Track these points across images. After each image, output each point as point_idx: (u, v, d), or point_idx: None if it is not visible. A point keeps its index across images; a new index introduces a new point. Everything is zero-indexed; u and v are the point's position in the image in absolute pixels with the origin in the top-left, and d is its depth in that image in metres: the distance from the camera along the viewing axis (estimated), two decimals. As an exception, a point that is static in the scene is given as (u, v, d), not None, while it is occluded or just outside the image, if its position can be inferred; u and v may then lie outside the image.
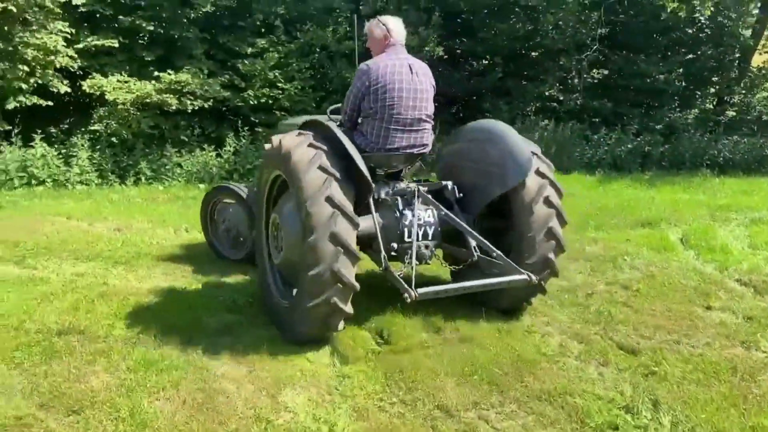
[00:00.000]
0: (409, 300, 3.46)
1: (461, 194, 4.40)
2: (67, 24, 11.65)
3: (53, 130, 12.30)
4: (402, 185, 4.35)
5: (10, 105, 11.15)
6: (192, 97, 12.44)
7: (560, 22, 14.08)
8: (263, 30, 14.14)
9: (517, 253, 4.11)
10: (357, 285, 3.61)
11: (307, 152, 3.69)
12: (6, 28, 10.86)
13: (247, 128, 12.91)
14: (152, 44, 13.17)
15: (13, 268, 5.72)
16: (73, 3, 11.51)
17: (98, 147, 12.16)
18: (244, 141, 12.79)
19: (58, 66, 11.61)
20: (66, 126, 12.63)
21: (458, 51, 14.56)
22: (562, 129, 13.15)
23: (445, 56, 13.24)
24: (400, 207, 4.18)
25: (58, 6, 11.26)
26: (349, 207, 3.62)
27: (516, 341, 3.88)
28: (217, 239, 6.10)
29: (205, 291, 4.85)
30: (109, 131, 12.22)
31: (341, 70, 13.17)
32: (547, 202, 4.15)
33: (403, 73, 4.12)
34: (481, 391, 3.28)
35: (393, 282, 3.77)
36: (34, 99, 11.45)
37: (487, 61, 14.51)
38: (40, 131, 11.74)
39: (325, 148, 3.73)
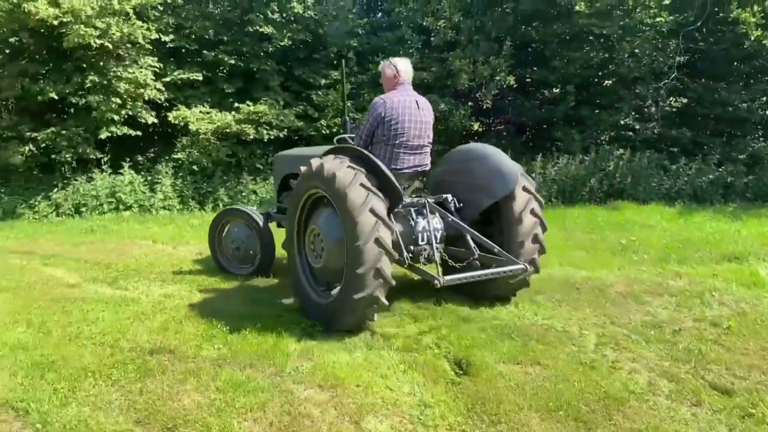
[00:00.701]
0: (438, 285, 4.31)
1: (461, 204, 5.27)
2: (156, 59, 12.41)
3: (140, 158, 13.03)
4: (413, 198, 5.20)
5: (103, 135, 11.91)
6: (268, 127, 12.92)
7: (636, 50, 13.80)
8: (336, 62, 14.57)
9: (508, 253, 4.91)
10: (393, 281, 4.34)
11: (349, 172, 4.40)
12: (101, 63, 11.66)
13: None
14: (232, 77, 13.81)
15: (106, 288, 6.05)
16: (162, 39, 12.25)
17: (180, 174, 12.78)
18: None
19: (146, 98, 12.32)
20: (151, 154, 13.34)
21: (529, 80, 14.48)
22: (639, 158, 12.78)
23: (516, 85, 13.19)
24: (414, 216, 5.02)
25: (148, 42, 12.00)
26: (386, 216, 4.37)
27: (601, 377, 3.75)
28: (227, 256, 6.71)
29: (285, 315, 4.95)
30: (190, 159, 12.82)
31: (412, 100, 13.32)
32: (533, 213, 5.09)
33: (411, 108, 4.92)
34: (567, 428, 3.19)
35: (420, 274, 4.76)
36: (125, 129, 12.18)
37: (559, 90, 14.34)
38: (128, 159, 12.49)
39: (361, 168, 4.46)
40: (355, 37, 14.20)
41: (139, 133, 12.53)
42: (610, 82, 14.49)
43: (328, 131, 13.44)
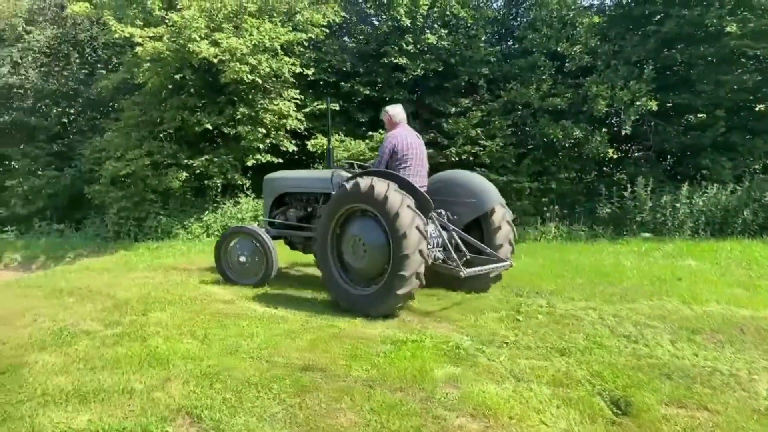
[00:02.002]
0: (462, 275, 5.73)
1: (455, 217, 6.60)
2: (297, 91, 13.21)
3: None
4: None
5: (249, 162, 12.82)
6: (399, 155, 13.21)
7: (797, 71, 12.62)
8: (466, 90, 14.70)
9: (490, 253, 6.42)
10: (424, 281, 5.66)
11: (398, 196, 5.57)
12: (250, 96, 12.62)
13: (448, 184, 13.28)
14: (366, 107, 14.35)
15: (257, 306, 6.44)
16: (304, 73, 13.03)
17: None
18: (445, 196, 13.17)
19: (288, 128, 13.13)
20: (290, 180, 14.13)
21: (672, 104, 13.69)
22: (801, 188, 11.58)
23: (657, 110, 12.52)
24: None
25: (292, 76, 12.82)
26: (426, 231, 5.56)
27: (782, 429, 3.41)
28: (233, 268, 7.47)
29: (430, 339, 4.99)
30: (325, 185, 13.42)
31: (543, 127, 13.11)
32: (508, 223, 6.71)
33: (414, 141, 6.37)
34: (747, 483, 2.93)
35: (444, 270, 6.04)
36: (268, 157, 13.04)
37: (706, 115, 13.41)
38: (269, 185, 13.32)
39: (404, 192, 5.63)
40: (486, 65, 14.24)
41: (280, 160, 13.34)
42: (764, 106, 13.33)
43: (457, 158, 13.53)
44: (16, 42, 15.95)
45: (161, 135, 13.82)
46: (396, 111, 6.54)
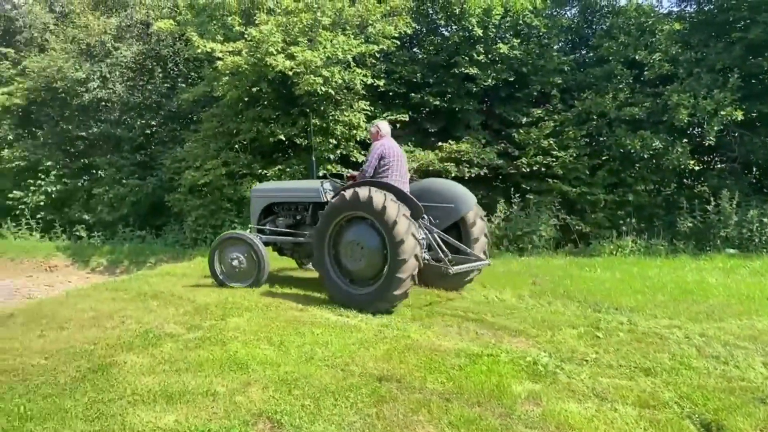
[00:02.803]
0: (451, 272, 6.50)
1: (437, 221, 7.19)
2: (367, 103, 13.36)
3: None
4: None
5: (320, 172, 13.02)
6: (468, 165, 13.14)
7: None
8: (538, 100, 14.45)
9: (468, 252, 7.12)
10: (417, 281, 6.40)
11: (395, 206, 6.17)
12: (323, 108, 12.86)
13: (518, 195, 13.09)
14: (435, 117, 14.35)
15: (330, 314, 6.51)
16: (375, 84, 13.16)
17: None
18: (515, 208, 12.97)
19: (358, 139, 13.28)
20: (359, 190, 14.25)
21: (758, 114, 12.96)
22: None
23: (743, 120, 11.87)
24: None
25: (362, 88, 12.98)
26: (420, 237, 6.41)
27: None
28: (226, 271, 7.82)
29: (506, 354, 4.91)
30: (394, 195, 13.47)
31: (620, 138, 12.70)
32: (482, 219, 7.44)
33: (397, 151, 7.07)
34: None
35: (434, 269, 6.73)
36: (338, 167, 13.21)
37: (798, 125, 12.64)
38: (339, 194, 13.51)
39: (400, 202, 6.26)
40: (560, 74, 13.96)
41: (350, 171, 13.48)
42: None
43: (528, 169, 13.31)
44: (105, 58, 16.93)
45: (236, 146, 14.29)
46: (383, 125, 7.43)
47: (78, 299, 7.08)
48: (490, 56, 13.56)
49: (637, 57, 12.99)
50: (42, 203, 17.75)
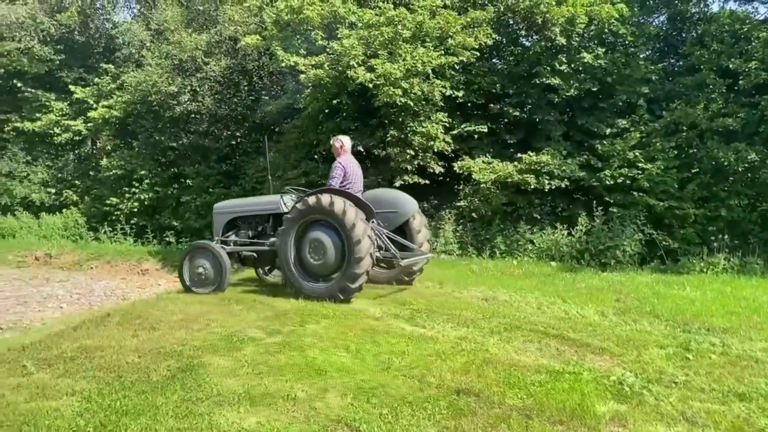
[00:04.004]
0: (402, 263, 7.72)
1: (386, 223, 8.10)
2: (446, 114, 13.35)
3: (426, 204, 14.01)
4: None
5: (397, 183, 13.12)
6: (548, 177, 12.85)
7: None
8: (621, 110, 13.96)
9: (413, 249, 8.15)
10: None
11: (353, 211, 7.04)
12: (400, 119, 12.96)
13: (600, 208, 12.67)
14: (515, 128, 14.14)
15: (405, 324, 6.53)
16: (453, 95, 13.14)
17: (461, 221, 13.39)
18: (597, 221, 12.56)
19: (435, 150, 13.28)
20: (436, 202, 14.23)
21: None
22: None
23: None
24: None
25: (441, 99, 12.99)
26: (374, 238, 7.30)
27: None
28: (193, 279, 8.20)
29: (589, 372, 4.75)
30: (471, 207, 13.37)
31: (712, 150, 12.04)
32: (425, 225, 8.53)
33: (356, 167, 8.06)
34: None
35: (385, 262, 8.01)
36: (415, 178, 13.27)
37: None
38: (416, 205, 13.54)
39: (357, 208, 7.14)
40: (647, 84, 13.43)
41: (426, 181, 13.51)
42: None
43: (612, 181, 12.85)
44: (196, 72, 17.81)
45: (316, 156, 14.63)
46: (346, 141, 8.19)
47: (167, 302, 7.44)
48: (573, 66, 13.25)
49: (730, 65, 12.35)
50: (135, 210, 18.84)
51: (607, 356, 5.32)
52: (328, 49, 12.35)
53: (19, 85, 20.93)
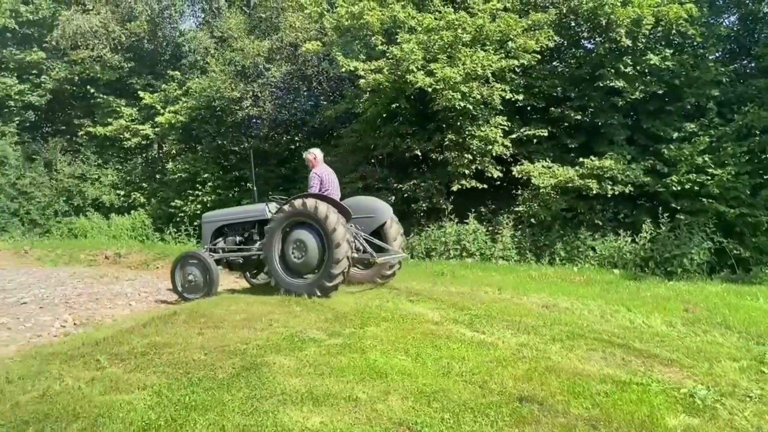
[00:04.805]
0: (377, 261, 8.19)
1: (362, 227, 8.62)
2: (505, 118, 13.20)
3: (483, 209, 13.89)
4: None
5: (455, 187, 13.08)
6: (611, 182, 12.51)
7: None
8: (690, 114, 13.46)
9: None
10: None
11: (335, 215, 7.55)
12: (459, 123, 12.91)
13: (666, 215, 12.24)
14: (576, 131, 13.84)
15: (465, 329, 6.48)
16: (513, 99, 12.99)
17: (520, 227, 13.20)
18: (662, 228, 12.13)
19: (494, 154, 13.16)
20: (493, 206, 14.09)
21: None
22: None
23: None
24: None
25: (500, 103, 12.86)
26: (352, 240, 7.87)
27: None
28: (184, 285, 8.79)
29: (658, 384, 4.58)
30: (530, 212, 13.16)
31: (790, 154, 11.47)
32: (399, 224, 8.96)
33: (331, 175, 8.63)
34: None
35: (360, 259, 8.26)
36: (473, 182, 13.18)
37: None
38: (472, 210, 13.43)
39: (338, 212, 7.66)
40: (717, 86, 12.90)
41: (484, 186, 13.39)
42: None
43: (679, 187, 12.39)
44: (257, 78, 18.28)
45: (373, 160, 14.74)
46: (318, 153, 8.84)
47: (230, 301, 7.64)
48: (638, 68, 12.87)
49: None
50: (198, 212, 19.42)
51: (676, 368, 5.13)
52: (387, 54, 12.42)
53: (92, 91, 22.02)
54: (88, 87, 22.13)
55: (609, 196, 12.55)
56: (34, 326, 7.71)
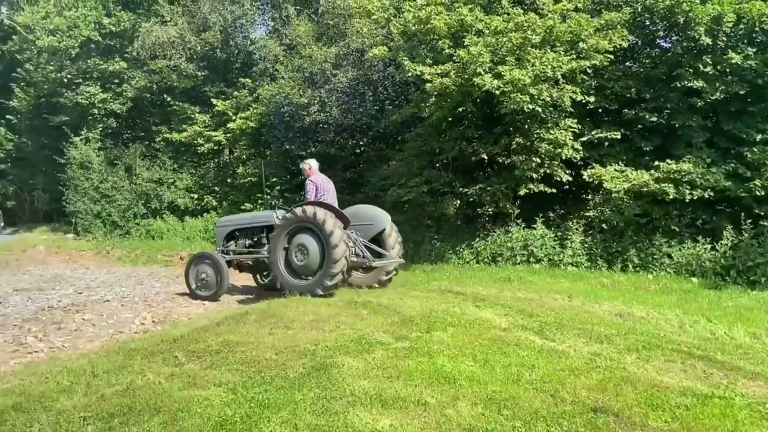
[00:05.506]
0: (374, 265, 9.08)
1: (361, 234, 9.28)
2: (575, 120, 12.86)
3: (551, 214, 13.57)
4: None
5: (522, 191, 12.85)
6: (689, 187, 11.96)
7: None
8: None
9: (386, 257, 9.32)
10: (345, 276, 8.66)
11: (333, 220, 8.32)
12: (526, 126, 12.68)
13: (749, 221, 11.58)
14: (651, 134, 13.33)
15: (534, 337, 6.34)
16: (583, 101, 12.64)
17: (590, 232, 12.82)
18: (745, 235, 11.49)
19: (563, 157, 12.84)
20: (562, 211, 13.74)
21: None
22: None
23: None
24: None
25: (570, 105, 12.54)
26: (350, 244, 8.69)
27: None
28: (197, 283, 9.78)
29: (741, 398, 4.34)
30: (601, 218, 12.75)
31: None
32: (397, 232, 9.59)
33: (327, 183, 9.40)
34: None
35: (357, 263, 8.94)
36: (541, 186, 12.91)
37: None
38: (540, 215, 13.15)
39: (336, 218, 8.48)
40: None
41: (553, 190, 13.09)
42: None
43: (763, 192, 11.71)
44: (325, 84, 18.59)
45: (438, 164, 14.69)
46: (314, 163, 9.65)
47: (299, 303, 7.77)
48: (719, 68, 12.24)
49: None
50: (266, 215, 19.96)
51: (761, 381, 4.84)
52: (454, 57, 12.35)
53: (168, 99, 23.04)
54: (165, 95, 23.17)
55: (687, 201, 12.00)
56: (116, 323, 8.12)
